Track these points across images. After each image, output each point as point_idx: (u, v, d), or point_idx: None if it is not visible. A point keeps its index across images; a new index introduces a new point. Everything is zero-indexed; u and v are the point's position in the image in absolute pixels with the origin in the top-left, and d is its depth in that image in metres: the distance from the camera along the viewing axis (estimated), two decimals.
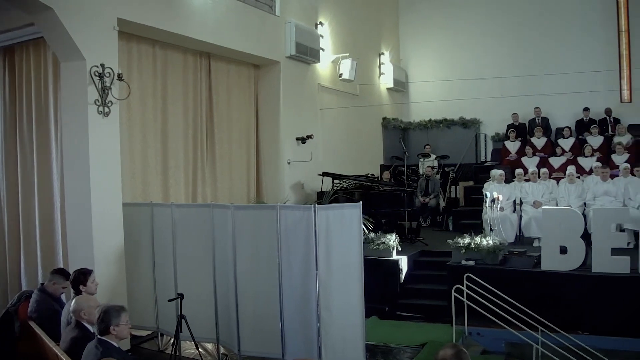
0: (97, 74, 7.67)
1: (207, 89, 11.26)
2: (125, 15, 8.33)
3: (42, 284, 6.58)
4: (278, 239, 6.95)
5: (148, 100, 9.90)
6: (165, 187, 10.19)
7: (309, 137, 12.82)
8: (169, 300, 7.27)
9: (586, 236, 9.52)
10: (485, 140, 17.64)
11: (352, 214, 6.79)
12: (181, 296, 6.99)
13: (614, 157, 13.44)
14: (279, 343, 7.03)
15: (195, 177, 10.91)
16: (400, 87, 18.10)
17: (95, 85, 7.67)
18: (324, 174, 12.50)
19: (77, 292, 5.87)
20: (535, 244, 11.35)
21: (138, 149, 9.68)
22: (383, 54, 17.52)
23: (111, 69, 7.84)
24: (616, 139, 14.13)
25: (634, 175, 11.73)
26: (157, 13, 9.03)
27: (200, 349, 7.52)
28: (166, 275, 7.98)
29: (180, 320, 6.95)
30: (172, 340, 7.41)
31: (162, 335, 8.35)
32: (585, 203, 11.79)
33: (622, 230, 10.15)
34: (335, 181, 12.52)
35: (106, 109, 7.81)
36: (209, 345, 8.10)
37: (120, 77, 7.93)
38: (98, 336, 4.66)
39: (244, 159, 12.10)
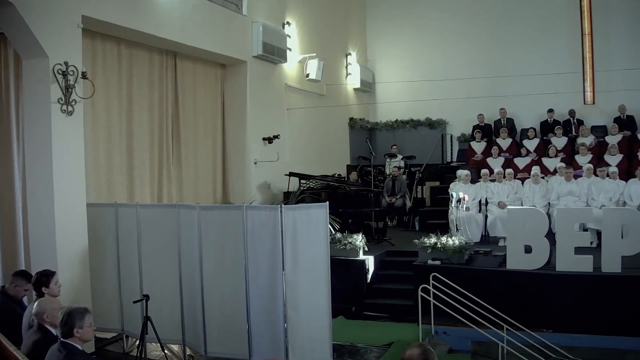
0: (60, 72, 7.55)
1: (173, 88, 11.16)
2: (90, 13, 8.20)
3: (3, 287, 6.47)
4: (244, 240, 6.92)
5: (113, 99, 9.78)
6: (130, 187, 10.08)
7: (276, 137, 12.77)
8: (135, 302, 7.18)
9: (550, 235, 9.66)
10: (451, 141, 17.77)
11: (318, 214, 6.79)
12: (146, 297, 6.92)
13: (577, 157, 13.64)
14: (246, 344, 6.99)
15: (161, 177, 10.81)
16: (367, 87, 18.14)
17: (59, 83, 7.54)
18: (291, 174, 12.47)
19: (40, 295, 5.76)
20: (501, 243, 11.46)
21: (103, 148, 9.56)
22: (350, 54, 17.54)
23: (75, 67, 7.72)
24: (579, 140, 14.34)
25: (597, 176, 11.93)
26: (122, 11, 8.92)
27: (166, 351, 7.45)
28: (131, 277, 7.89)
29: (145, 322, 6.88)
30: (137, 342, 7.34)
31: (127, 337, 8.25)
32: (549, 203, 11.97)
33: (585, 230, 10.38)
34: (302, 181, 12.51)
35: (70, 108, 7.68)
36: (175, 347, 8.02)
37: (84, 76, 7.81)
38: (61, 339, 4.57)
39: (210, 159, 12.02)
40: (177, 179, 11.17)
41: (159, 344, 7.18)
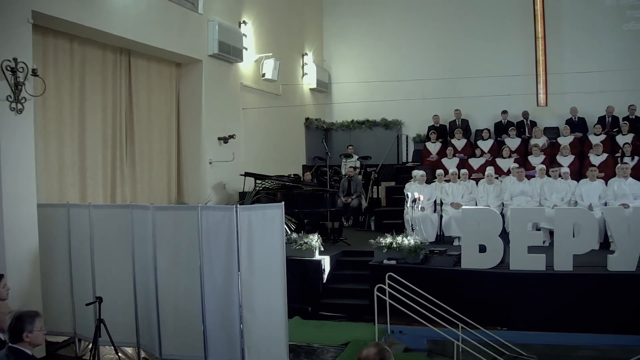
0: (9, 68, 7.34)
1: (127, 87, 11.00)
2: (41, 8, 8.00)
3: None
4: (199, 240, 6.85)
5: (65, 97, 9.59)
6: (82, 188, 9.90)
7: (231, 136, 12.69)
8: (87, 304, 7.06)
9: (504, 235, 9.80)
10: (407, 141, 17.87)
11: (274, 214, 6.76)
12: (99, 300, 6.82)
13: (530, 158, 13.86)
14: (201, 345, 6.93)
15: (114, 177, 10.65)
16: (323, 87, 18.15)
17: (8, 80, 7.34)
18: (246, 174, 12.40)
19: None
20: (456, 243, 11.61)
21: (54, 147, 9.36)
22: (306, 54, 17.53)
23: (25, 63, 7.52)
24: (533, 141, 14.56)
25: (549, 176, 12.15)
26: (74, 7, 8.72)
27: (120, 354, 7.35)
28: (84, 279, 7.73)
29: (98, 325, 6.77)
30: (90, 346, 7.20)
31: (79, 340, 8.09)
32: (503, 203, 12.15)
33: (538, 229, 10.56)
34: (258, 181, 12.45)
35: (19, 106, 7.49)
36: (129, 350, 7.90)
37: (35, 73, 7.63)
38: (9, 344, 4.45)
39: (164, 159, 11.88)
40: (130, 179, 11.01)
41: (112, 347, 7.08)
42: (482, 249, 9.57)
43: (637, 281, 8.93)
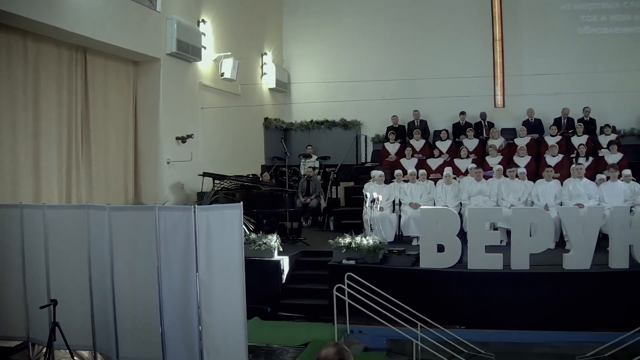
0: None
1: (82, 85, 10.82)
2: None
3: None
4: (157, 241, 6.75)
5: (18, 94, 9.41)
6: (36, 188, 9.71)
7: (189, 136, 12.58)
8: (41, 307, 6.91)
9: (462, 235, 9.88)
10: (366, 142, 17.94)
11: (232, 214, 6.70)
12: (54, 302, 6.69)
13: (488, 159, 14.01)
14: (159, 347, 6.83)
15: (70, 177, 10.47)
16: (283, 87, 18.11)
17: None
18: (205, 174, 12.29)
19: None
20: (414, 242, 11.68)
21: (7, 146, 9.17)
22: (266, 54, 17.45)
23: None
24: (490, 142, 14.73)
25: (507, 176, 12.31)
26: (28, 2, 8.56)
27: (75, 358, 7.21)
28: (38, 281, 7.56)
29: (53, 328, 6.64)
30: (44, 350, 7.06)
31: (33, 344, 7.90)
32: (461, 203, 12.26)
33: (495, 229, 10.70)
34: (216, 181, 12.36)
35: None
36: (85, 353, 7.75)
37: None
38: None
39: (121, 159, 11.72)
40: (86, 178, 10.84)
41: (67, 351, 6.94)
42: (441, 248, 9.65)
43: (591, 279, 9.15)
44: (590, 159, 13.46)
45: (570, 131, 15.07)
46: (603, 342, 8.31)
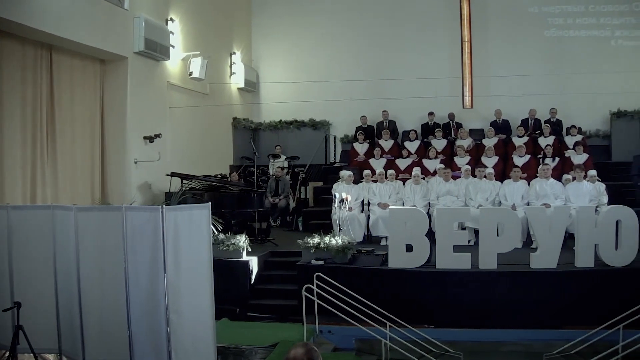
0: None
1: (48, 84, 10.64)
2: None
3: None
4: (124, 242, 6.67)
5: None
6: (0, 188, 9.54)
7: (157, 136, 12.46)
8: (4, 310, 6.77)
9: (430, 234, 9.94)
10: (335, 142, 17.97)
11: (200, 214, 6.64)
12: (18, 305, 6.58)
13: (456, 159, 14.12)
14: (127, 349, 6.75)
15: (35, 177, 10.29)
16: (251, 87, 18.03)
17: None
18: (173, 174, 12.17)
19: None
20: (383, 242, 11.72)
21: None
22: (234, 53, 17.37)
23: None
24: (458, 142, 14.85)
25: (475, 177, 12.41)
26: None
27: None
28: (1, 283, 7.42)
29: (17, 331, 6.53)
30: (7, 354, 6.92)
31: None
32: (429, 203, 12.34)
33: (463, 229, 10.79)
34: (184, 182, 12.24)
35: None
36: (51, 357, 7.62)
37: None
38: None
39: (88, 158, 11.56)
40: (52, 178, 10.66)
41: (32, 354, 6.83)
42: (409, 248, 9.68)
43: (557, 278, 9.28)
44: (557, 159, 13.66)
45: (537, 132, 15.26)
46: (569, 339, 8.43)
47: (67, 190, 10.91)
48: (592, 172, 12.09)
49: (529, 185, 12.22)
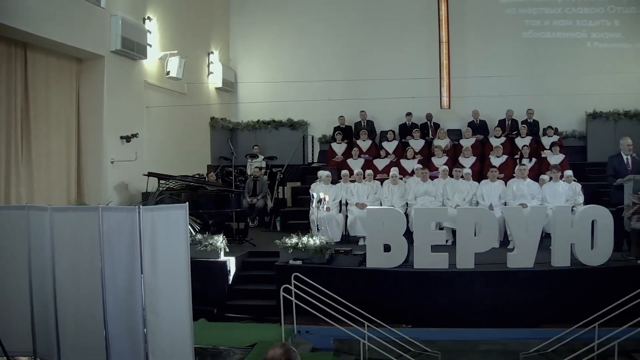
0: None
1: (22, 82, 10.51)
2: None
3: None
4: (100, 242, 6.60)
5: None
6: None
7: (134, 135, 12.38)
8: None
9: (408, 234, 9.97)
10: (313, 142, 17.96)
11: (178, 215, 6.59)
12: None
13: (434, 159, 14.19)
14: (104, 351, 6.68)
15: (9, 177, 10.16)
16: (229, 87, 17.97)
17: None
18: (150, 174, 12.09)
19: None
20: (361, 242, 11.72)
21: None
22: (212, 53, 17.29)
23: None
24: (436, 143, 14.92)
25: (452, 177, 12.47)
26: None
27: None
28: None
29: None
30: None
31: None
32: (407, 203, 12.39)
33: (441, 229, 10.84)
34: (161, 182, 12.17)
35: None
36: (24, 359, 7.53)
37: None
38: None
39: (63, 158, 11.44)
40: (27, 178, 10.54)
41: (5, 357, 6.73)
42: (387, 248, 9.68)
43: (534, 277, 9.33)
44: (534, 160, 13.79)
45: (514, 132, 15.38)
46: (546, 338, 8.52)
47: (42, 191, 10.79)
48: (568, 173, 12.18)
49: (506, 185, 12.30)
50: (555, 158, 13.75)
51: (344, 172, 13.39)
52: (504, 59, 16.87)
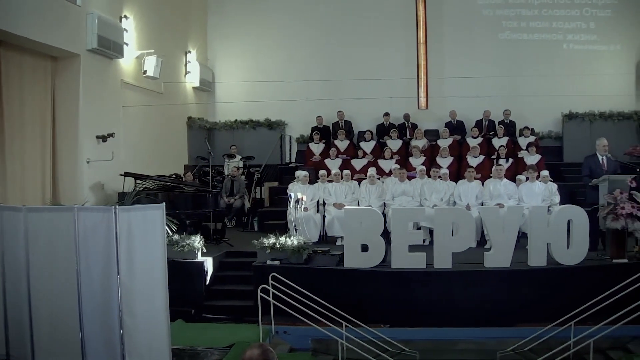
0: None
1: None
2: None
3: None
4: (76, 243, 6.53)
5: None
6: None
7: (110, 135, 12.26)
8: None
9: (386, 234, 9.98)
10: (290, 142, 17.93)
11: (155, 215, 6.55)
12: None
13: (411, 159, 14.24)
14: (79, 353, 6.61)
15: None
16: (207, 86, 17.90)
17: None
18: (126, 174, 11.97)
19: None
20: (339, 242, 11.75)
21: None
22: (190, 52, 17.20)
23: None
24: (413, 143, 14.98)
25: (429, 177, 12.52)
26: None
27: None
28: None
29: None
30: None
31: None
32: (384, 203, 12.41)
33: (418, 228, 10.86)
34: (138, 182, 12.06)
35: None
36: None
37: None
38: None
39: (38, 158, 11.29)
40: (0, 178, 10.40)
41: None
42: (365, 248, 9.70)
43: (511, 276, 9.41)
44: (510, 160, 13.90)
45: (491, 133, 15.50)
46: (523, 337, 8.62)
47: (16, 191, 10.64)
48: (545, 173, 12.28)
49: (483, 185, 12.38)
50: (531, 158, 13.86)
51: (322, 172, 13.40)
52: (481, 59, 17.01)
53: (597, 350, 8.14)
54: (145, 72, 13.99)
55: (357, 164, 14.62)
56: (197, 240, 10.40)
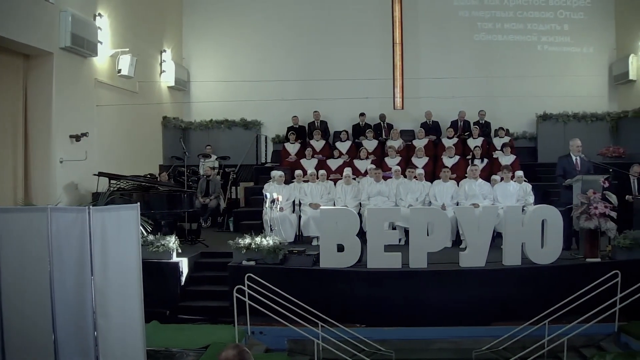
0: None
1: None
2: None
3: None
4: (49, 244, 6.45)
5: None
6: None
7: (84, 134, 12.13)
8: None
9: (361, 234, 9.99)
10: (266, 142, 17.88)
11: (129, 215, 6.50)
12: None
13: (387, 160, 14.29)
14: (52, 355, 6.53)
15: None
16: (182, 86, 17.82)
17: None
18: (100, 174, 11.87)
19: None
20: (314, 242, 11.76)
21: None
22: (165, 51, 17.09)
23: None
24: (389, 143, 15.05)
25: (405, 177, 12.57)
26: None
27: None
28: None
29: None
30: None
31: None
32: (360, 203, 12.45)
33: (394, 228, 10.90)
34: (112, 182, 11.96)
35: None
36: None
37: None
38: None
39: (9, 157, 11.13)
40: None
41: None
42: (340, 248, 9.71)
43: (486, 276, 9.46)
44: (485, 160, 14.00)
45: (466, 133, 15.61)
46: (498, 336, 8.71)
47: None
48: (519, 173, 12.40)
49: (458, 185, 12.48)
50: (506, 159, 13.98)
51: (298, 172, 13.41)
52: (456, 60, 17.14)
53: (570, 348, 8.28)
54: (119, 71, 13.86)
55: (333, 164, 14.64)
56: (172, 241, 10.33)
